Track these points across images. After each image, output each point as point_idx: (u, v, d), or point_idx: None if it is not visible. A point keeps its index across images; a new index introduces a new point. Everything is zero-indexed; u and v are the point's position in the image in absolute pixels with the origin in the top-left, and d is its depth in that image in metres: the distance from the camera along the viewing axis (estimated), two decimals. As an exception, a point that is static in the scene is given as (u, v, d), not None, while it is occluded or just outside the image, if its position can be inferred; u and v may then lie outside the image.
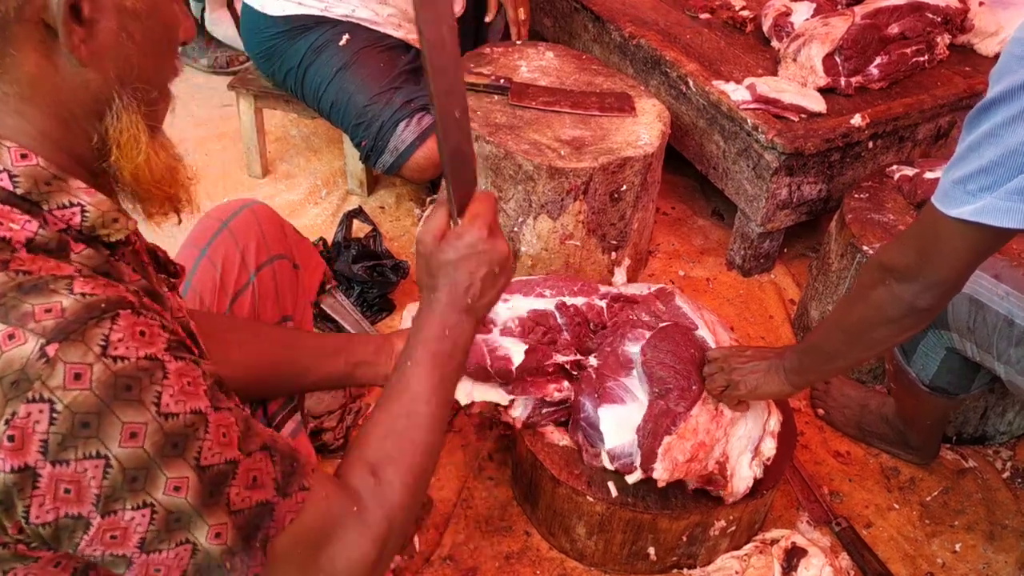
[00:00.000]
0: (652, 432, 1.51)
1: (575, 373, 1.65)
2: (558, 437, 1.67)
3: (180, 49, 0.90)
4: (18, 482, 0.68)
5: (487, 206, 1.02)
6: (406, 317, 1.72)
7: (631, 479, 1.53)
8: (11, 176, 0.73)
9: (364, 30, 2.30)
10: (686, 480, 1.57)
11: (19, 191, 0.73)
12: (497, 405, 1.64)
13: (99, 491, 0.70)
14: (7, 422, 0.67)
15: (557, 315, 1.70)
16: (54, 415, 0.67)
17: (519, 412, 1.65)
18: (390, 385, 1.01)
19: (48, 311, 0.67)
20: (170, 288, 0.97)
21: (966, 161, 1.06)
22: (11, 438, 0.67)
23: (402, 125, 2.22)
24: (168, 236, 1.07)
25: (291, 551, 0.83)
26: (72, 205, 0.76)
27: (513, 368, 1.58)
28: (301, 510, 0.84)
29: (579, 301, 1.74)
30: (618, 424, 1.54)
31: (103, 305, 0.70)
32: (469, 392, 1.59)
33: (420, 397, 0.98)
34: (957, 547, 1.82)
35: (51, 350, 0.67)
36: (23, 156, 0.74)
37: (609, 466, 1.55)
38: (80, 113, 0.77)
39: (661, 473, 1.50)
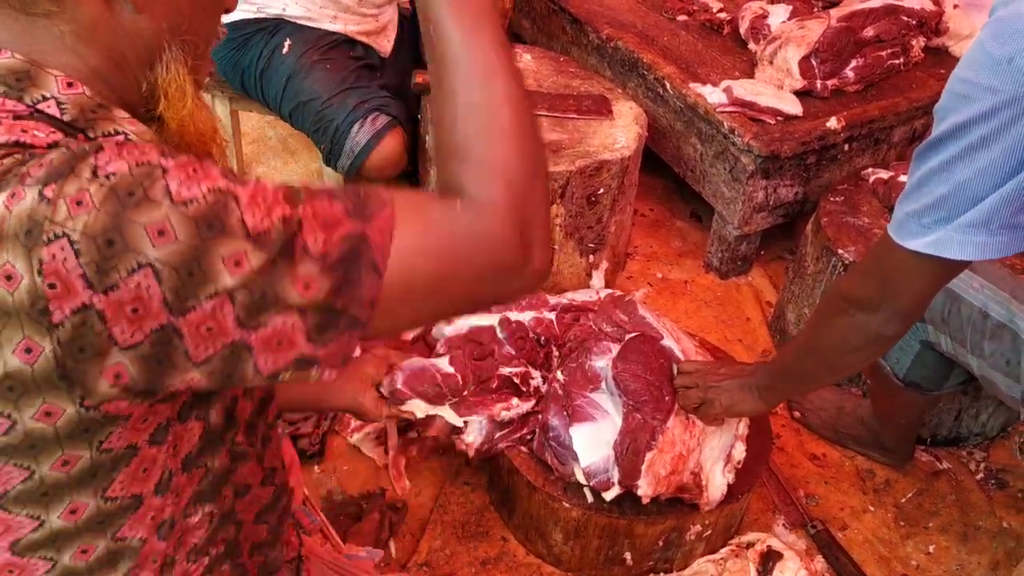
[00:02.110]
0: (632, 448, 1.51)
1: (524, 389, 1.64)
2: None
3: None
4: (85, 321, 0.67)
5: None
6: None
7: (609, 495, 1.53)
8: (58, 103, 0.74)
9: (302, 31, 2.25)
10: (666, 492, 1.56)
11: (66, 118, 0.74)
12: (452, 432, 1.63)
13: (163, 296, 0.67)
14: (40, 272, 0.66)
15: (498, 330, 1.70)
16: (75, 246, 0.66)
17: (472, 438, 1.63)
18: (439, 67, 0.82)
19: (40, 166, 0.67)
20: None
21: (918, 195, 1.08)
22: (52, 286, 0.66)
23: (356, 127, 2.20)
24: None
25: (411, 265, 0.74)
26: (117, 133, 0.76)
27: (459, 380, 1.58)
28: (394, 222, 0.74)
29: (526, 316, 1.73)
30: (591, 442, 1.53)
31: (87, 147, 0.69)
32: (425, 408, 1.57)
33: (480, 61, 0.80)
34: (931, 548, 1.83)
35: (49, 192, 0.66)
36: (69, 84, 0.75)
37: (584, 482, 1.55)
38: (133, 59, 0.79)
39: (645, 489, 1.50)
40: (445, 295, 0.77)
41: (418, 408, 1.55)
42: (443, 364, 1.60)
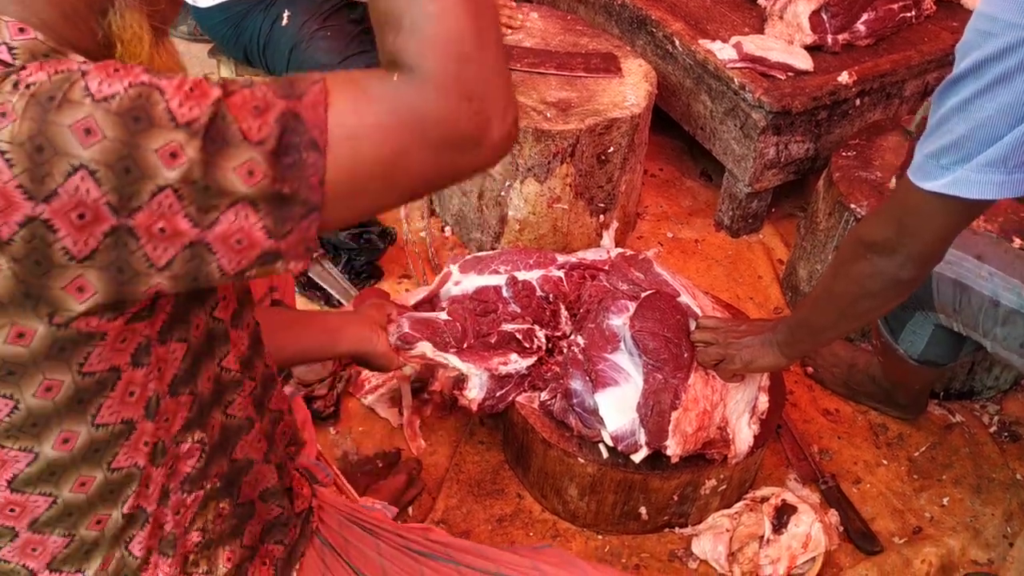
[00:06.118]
0: (656, 409, 1.51)
1: (527, 345, 1.65)
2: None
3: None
4: (34, 234, 0.67)
5: None
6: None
7: (637, 457, 1.53)
8: (9, 49, 0.71)
9: (300, 1, 2.22)
10: (694, 449, 1.56)
11: (17, 63, 0.71)
12: (454, 387, 1.66)
13: (106, 198, 0.67)
14: None
15: (504, 289, 1.71)
16: (6, 156, 0.65)
17: (474, 393, 1.65)
18: None
19: None
20: None
21: (937, 135, 1.07)
22: None
23: None
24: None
25: (354, 142, 0.71)
26: None
27: (459, 328, 1.63)
28: (327, 97, 0.71)
29: (534, 274, 1.74)
30: (616, 406, 1.54)
31: (14, 67, 0.69)
32: (433, 351, 1.59)
33: None
34: (945, 501, 1.84)
35: None
36: (21, 30, 0.72)
37: (612, 446, 1.55)
38: (82, 7, 0.76)
39: (674, 449, 1.51)
40: (395, 173, 0.73)
41: (427, 349, 1.57)
42: (443, 316, 1.64)
